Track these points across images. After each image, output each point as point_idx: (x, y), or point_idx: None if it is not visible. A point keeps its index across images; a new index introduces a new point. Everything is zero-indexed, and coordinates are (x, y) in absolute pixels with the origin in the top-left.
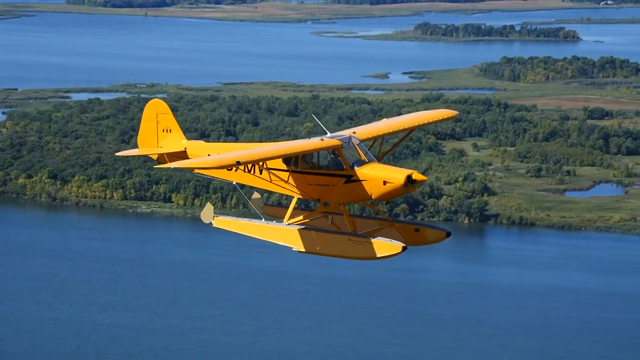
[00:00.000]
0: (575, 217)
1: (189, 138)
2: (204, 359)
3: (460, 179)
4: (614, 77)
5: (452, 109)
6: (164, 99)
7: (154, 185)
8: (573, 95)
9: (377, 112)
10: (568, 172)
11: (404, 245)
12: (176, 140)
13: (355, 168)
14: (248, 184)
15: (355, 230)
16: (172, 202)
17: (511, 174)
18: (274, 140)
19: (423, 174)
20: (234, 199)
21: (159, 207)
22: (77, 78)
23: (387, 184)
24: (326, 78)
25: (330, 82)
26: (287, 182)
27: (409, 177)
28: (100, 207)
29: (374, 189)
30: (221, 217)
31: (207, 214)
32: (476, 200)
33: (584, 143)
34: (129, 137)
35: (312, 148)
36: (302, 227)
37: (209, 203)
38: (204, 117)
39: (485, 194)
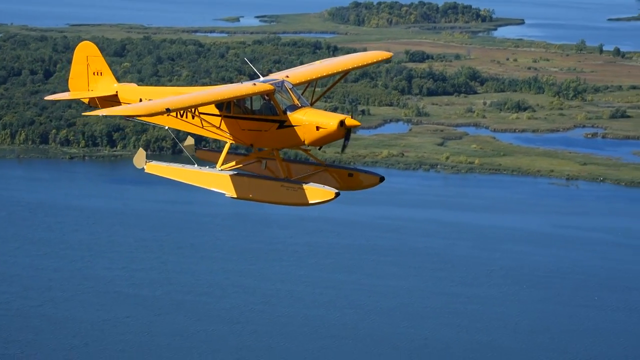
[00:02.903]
0: (348, 154)
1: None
2: None
3: None
4: (455, 22)
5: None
6: None
7: None
8: (408, 39)
9: (201, 54)
10: (363, 111)
11: (337, 191)
12: (107, 84)
13: (288, 113)
14: (180, 129)
15: (290, 176)
16: None
17: None
18: None
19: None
20: (22, 135)
21: None
22: None
23: (320, 130)
24: (177, 21)
25: (178, 25)
26: (219, 127)
27: (341, 122)
28: None
29: (306, 135)
30: (153, 163)
31: (140, 159)
32: None
33: (388, 84)
34: None
35: (244, 93)
36: (235, 172)
37: (141, 149)
38: (25, 55)
39: None
